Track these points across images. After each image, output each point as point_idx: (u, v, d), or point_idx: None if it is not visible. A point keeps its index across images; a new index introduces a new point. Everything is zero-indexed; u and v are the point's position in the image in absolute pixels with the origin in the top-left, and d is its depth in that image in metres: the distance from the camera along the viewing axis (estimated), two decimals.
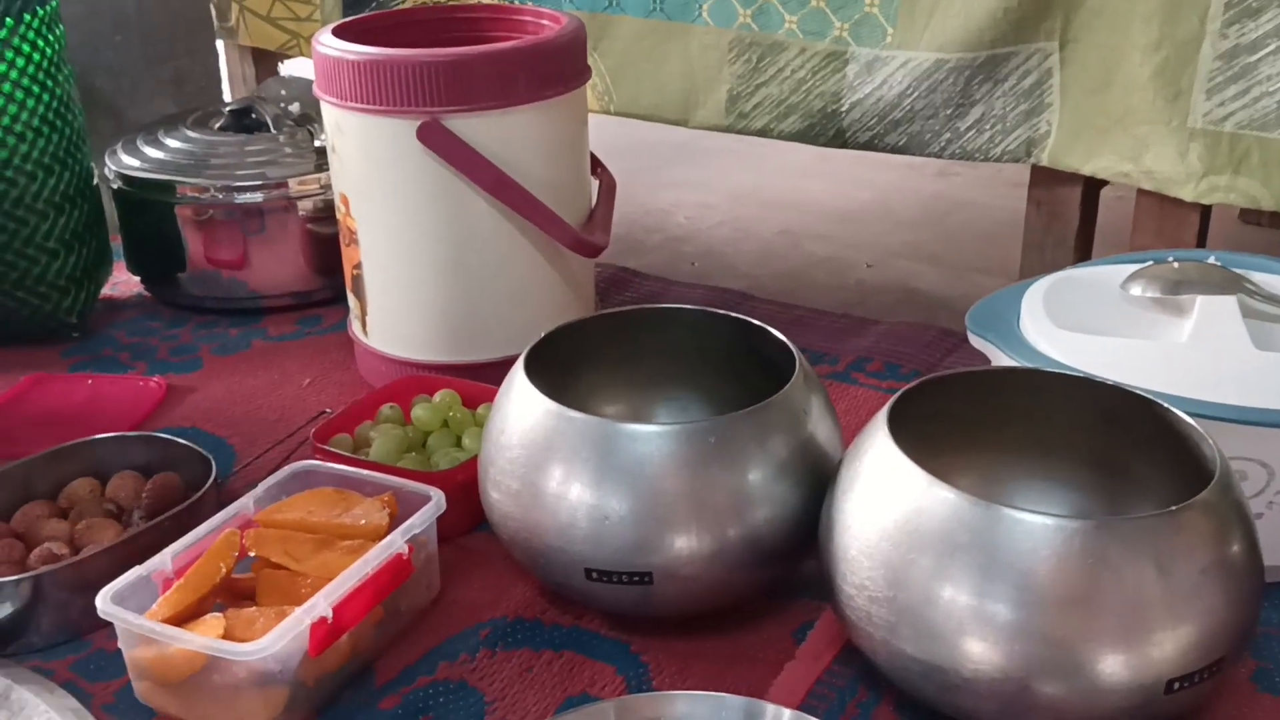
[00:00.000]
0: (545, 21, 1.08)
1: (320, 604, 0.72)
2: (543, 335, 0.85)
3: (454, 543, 0.88)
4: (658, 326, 0.91)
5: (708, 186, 1.61)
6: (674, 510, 0.74)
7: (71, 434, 1.03)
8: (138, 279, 1.31)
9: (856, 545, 0.69)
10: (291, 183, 1.23)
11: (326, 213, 1.24)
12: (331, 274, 1.27)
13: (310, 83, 1.36)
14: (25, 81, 1.11)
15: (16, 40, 1.09)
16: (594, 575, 0.76)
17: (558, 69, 1.02)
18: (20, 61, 1.10)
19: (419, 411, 0.97)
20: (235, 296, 1.25)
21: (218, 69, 1.55)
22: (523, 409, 0.79)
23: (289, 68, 1.63)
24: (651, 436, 0.75)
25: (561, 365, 0.86)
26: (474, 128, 0.99)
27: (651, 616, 0.79)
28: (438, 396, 0.99)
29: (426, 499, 0.82)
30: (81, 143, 1.19)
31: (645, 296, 1.28)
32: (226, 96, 1.60)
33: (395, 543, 0.78)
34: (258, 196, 1.22)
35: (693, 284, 1.31)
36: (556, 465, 0.76)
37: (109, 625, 0.81)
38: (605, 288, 1.28)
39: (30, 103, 1.11)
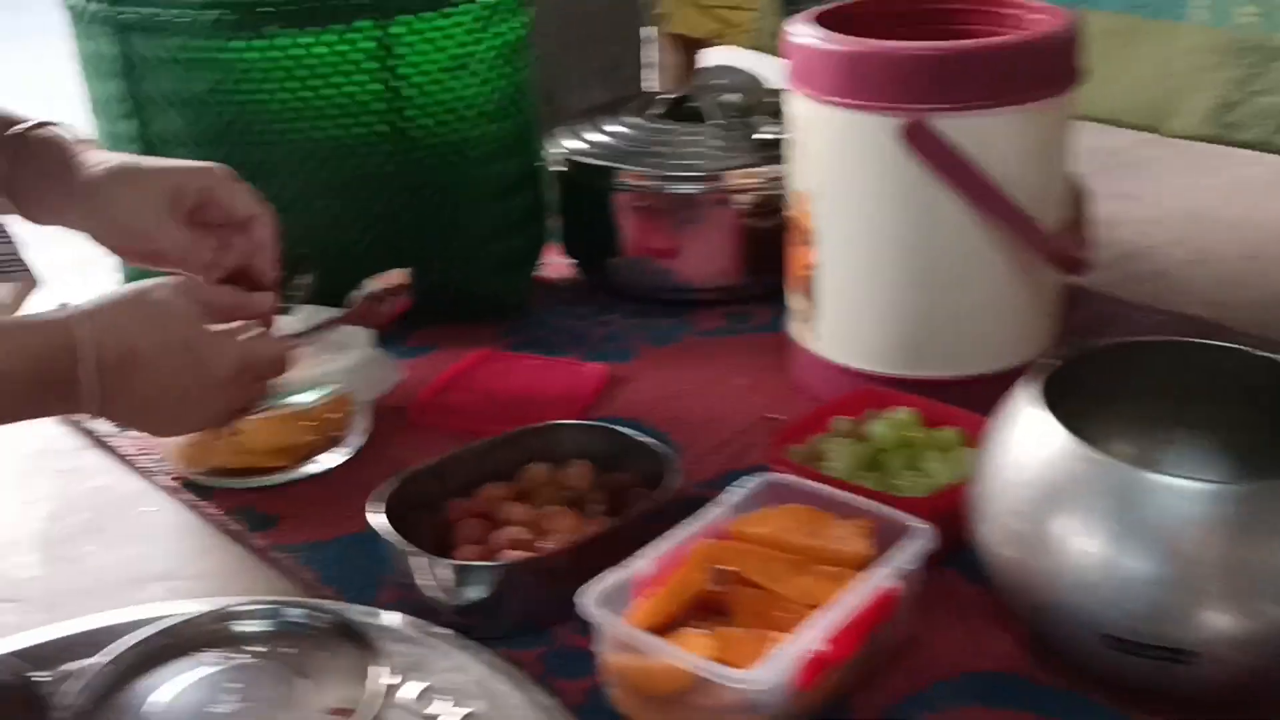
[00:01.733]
0: (1036, 15, 0.99)
1: (814, 635, 0.67)
2: (1056, 360, 0.77)
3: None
4: (1173, 360, 0.81)
5: (1152, 200, 1.47)
6: (1220, 582, 0.65)
7: (516, 413, 1.04)
8: (569, 262, 1.32)
9: None
10: (730, 176, 1.20)
11: (763, 208, 1.20)
12: (760, 272, 1.23)
13: (748, 73, 1.33)
14: (496, 62, 1.12)
15: (493, 20, 1.11)
16: (1114, 642, 0.67)
17: (1055, 68, 0.94)
18: (495, 42, 1.12)
19: (877, 428, 0.92)
20: (664, 287, 1.24)
21: (646, 57, 1.55)
22: (1037, 442, 0.71)
23: (711, 57, 1.61)
24: (1204, 495, 0.65)
25: (1061, 394, 0.77)
26: (960, 129, 0.91)
27: (1164, 695, 0.70)
28: (895, 413, 0.93)
29: (907, 528, 0.76)
30: (534, 126, 1.21)
31: (1099, 318, 1.17)
32: (651, 85, 1.60)
33: (885, 575, 0.72)
34: (694, 188, 1.20)
35: (1151, 308, 1.19)
36: (1076, 512, 0.68)
37: (572, 619, 0.79)
38: None
39: (498, 84, 1.13)
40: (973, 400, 0.94)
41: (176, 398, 0.75)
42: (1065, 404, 0.74)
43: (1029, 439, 0.72)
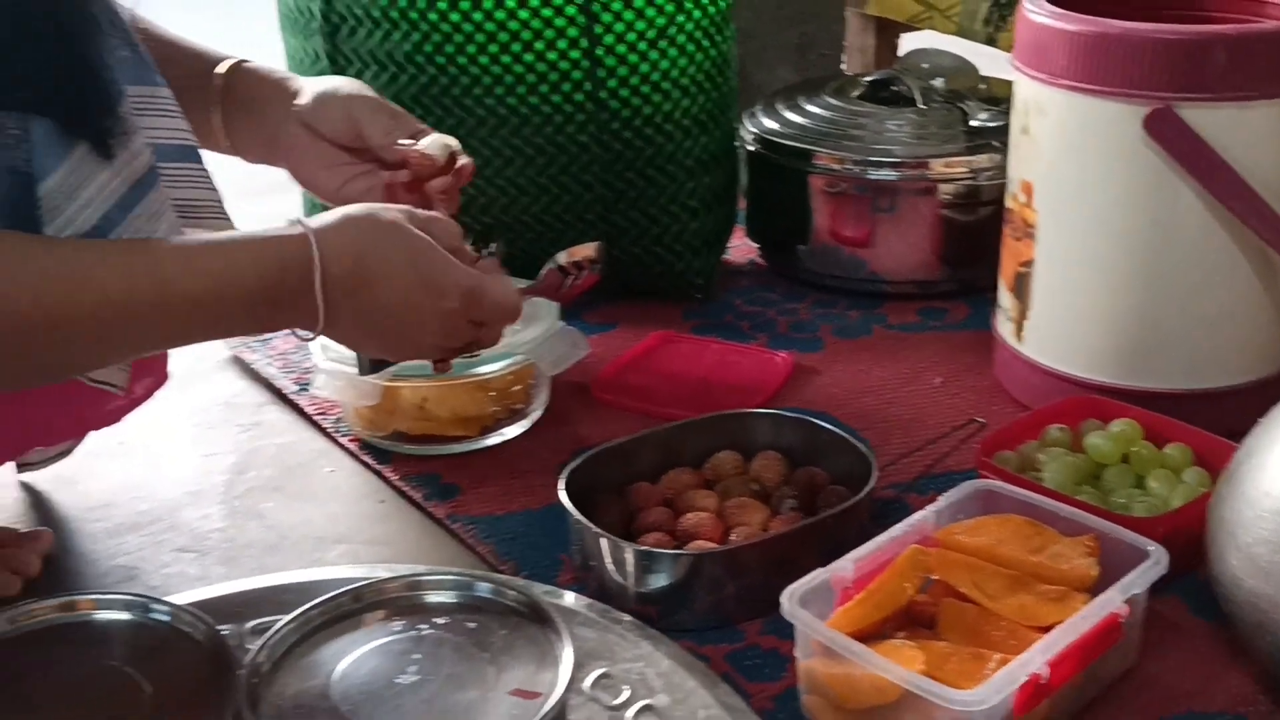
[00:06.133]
0: None
1: (1037, 659, 0.62)
2: None
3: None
4: None
5: None
6: None
7: (698, 398, 1.01)
8: (754, 245, 1.27)
9: None
10: (935, 163, 1.14)
11: (968, 199, 1.14)
12: (958, 265, 1.17)
13: (957, 57, 1.27)
14: (697, 34, 1.09)
15: None
16: None
17: None
18: (696, 14, 1.08)
19: (1096, 440, 0.85)
20: (855, 277, 1.19)
21: (843, 38, 1.50)
22: None
23: (910, 41, 1.54)
24: None
25: None
26: (1211, 120, 0.84)
27: None
28: (1116, 426, 0.86)
29: (1135, 550, 0.70)
30: (731, 102, 1.16)
31: None
32: (844, 68, 1.54)
33: (1114, 600, 0.66)
34: (895, 174, 1.14)
35: None
36: None
37: (764, 617, 0.76)
38: None
39: (698, 57, 1.09)
40: (1199, 416, 0.87)
41: (400, 320, 0.73)
42: None
43: None
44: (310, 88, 0.84)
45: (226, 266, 0.67)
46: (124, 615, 0.67)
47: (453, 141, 0.82)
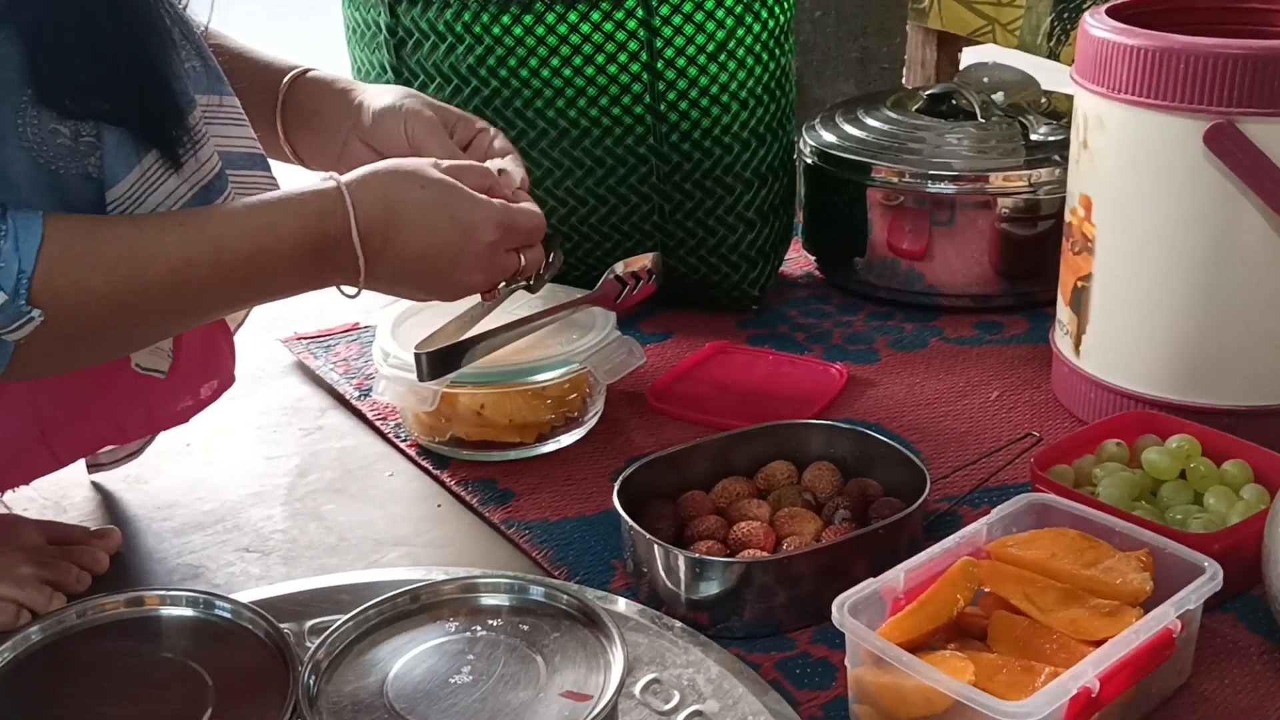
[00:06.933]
0: None
1: (1087, 672, 0.62)
2: None
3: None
4: None
5: None
6: None
7: (752, 408, 1.01)
8: (810, 257, 1.28)
9: None
10: (994, 177, 1.14)
11: (1026, 213, 1.14)
12: (1015, 279, 1.17)
13: (1019, 71, 1.27)
14: (757, 48, 1.10)
15: (757, 6, 1.08)
16: None
17: None
18: (756, 27, 1.09)
19: (1153, 456, 0.84)
20: (910, 290, 1.19)
21: (903, 51, 1.50)
22: None
23: (971, 55, 1.54)
24: None
25: None
26: (1273, 135, 0.83)
27: None
28: (1174, 442, 0.85)
29: (1190, 566, 0.70)
30: (790, 115, 1.17)
31: None
32: (904, 81, 1.54)
33: (1167, 615, 0.66)
34: (953, 187, 1.14)
35: None
36: None
37: (814, 625, 0.76)
38: None
39: (757, 70, 1.10)
40: (1258, 433, 0.86)
41: (437, 258, 0.76)
42: None
43: None
44: (370, 103, 0.86)
45: (272, 222, 0.71)
46: (189, 611, 0.70)
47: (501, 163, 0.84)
